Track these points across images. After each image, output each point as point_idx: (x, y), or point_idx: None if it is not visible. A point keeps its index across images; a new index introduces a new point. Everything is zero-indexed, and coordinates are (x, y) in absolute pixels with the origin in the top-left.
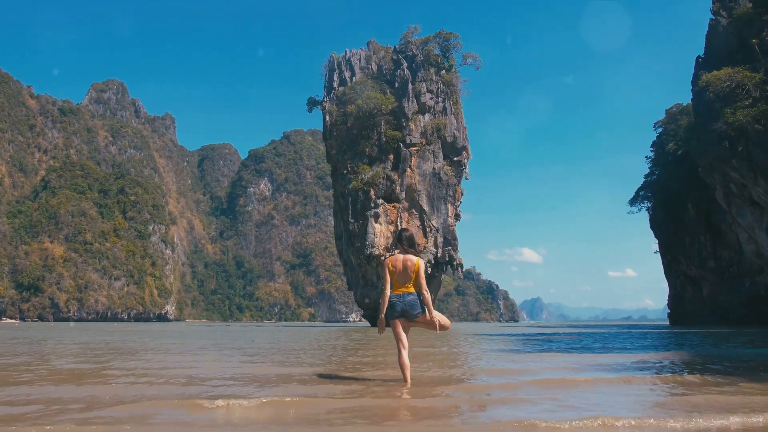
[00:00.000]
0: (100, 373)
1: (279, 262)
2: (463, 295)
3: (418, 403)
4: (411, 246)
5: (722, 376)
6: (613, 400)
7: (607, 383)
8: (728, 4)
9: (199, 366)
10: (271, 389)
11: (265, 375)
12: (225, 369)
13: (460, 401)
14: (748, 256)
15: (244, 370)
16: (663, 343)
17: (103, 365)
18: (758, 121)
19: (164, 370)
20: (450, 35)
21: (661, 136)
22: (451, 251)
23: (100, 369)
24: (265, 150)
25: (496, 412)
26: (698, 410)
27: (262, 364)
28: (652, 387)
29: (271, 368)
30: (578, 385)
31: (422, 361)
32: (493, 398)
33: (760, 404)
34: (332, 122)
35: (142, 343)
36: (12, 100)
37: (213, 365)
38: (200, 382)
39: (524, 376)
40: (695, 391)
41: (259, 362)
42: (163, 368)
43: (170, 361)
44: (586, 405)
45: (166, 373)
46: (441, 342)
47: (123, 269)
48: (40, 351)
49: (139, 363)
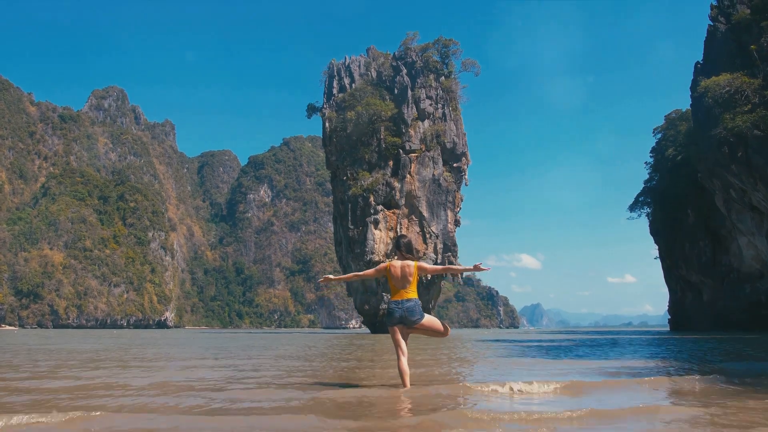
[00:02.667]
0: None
1: (279, 269)
2: (463, 302)
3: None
4: (409, 252)
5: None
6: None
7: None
8: (726, 10)
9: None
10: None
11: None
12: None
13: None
14: (748, 262)
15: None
16: (683, 352)
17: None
18: (757, 126)
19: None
20: (449, 42)
21: (661, 141)
22: (450, 257)
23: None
24: (264, 156)
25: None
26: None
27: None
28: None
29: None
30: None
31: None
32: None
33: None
34: (332, 128)
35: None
36: (12, 107)
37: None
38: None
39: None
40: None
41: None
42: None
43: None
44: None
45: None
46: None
47: (122, 276)
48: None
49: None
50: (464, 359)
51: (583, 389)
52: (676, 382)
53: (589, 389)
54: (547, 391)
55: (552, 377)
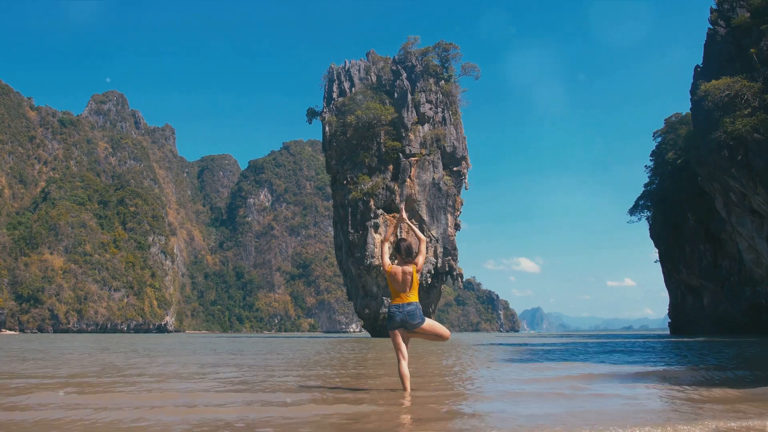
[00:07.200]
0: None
1: (279, 273)
2: (464, 305)
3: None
4: (409, 256)
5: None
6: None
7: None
8: (726, 14)
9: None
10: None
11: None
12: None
13: None
14: (749, 265)
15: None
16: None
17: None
18: (757, 130)
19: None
20: (449, 45)
21: (661, 145)
22: (450, 261)
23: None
24: (264, 160)
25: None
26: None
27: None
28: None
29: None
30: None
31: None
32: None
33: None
34: (332, 133)
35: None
36: (12, 112)
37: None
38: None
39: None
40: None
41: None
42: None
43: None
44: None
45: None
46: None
47: (123, 280)
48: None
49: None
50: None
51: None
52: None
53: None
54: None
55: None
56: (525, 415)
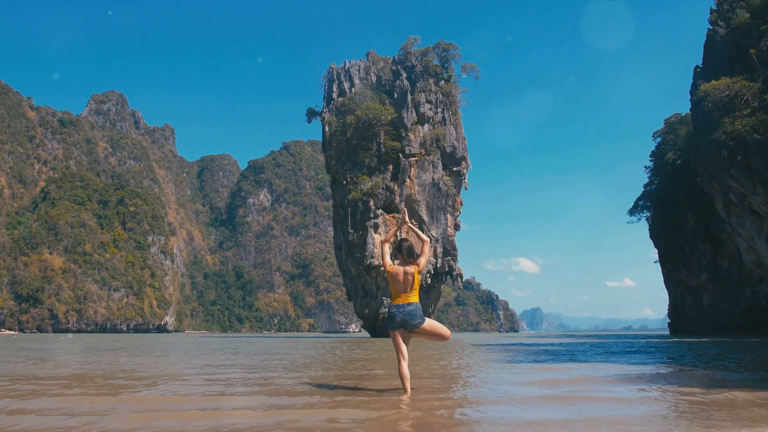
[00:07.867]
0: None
1: (278, 273)
2: (463, 306)
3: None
4: (410, 256)
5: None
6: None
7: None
8: (726, 15)
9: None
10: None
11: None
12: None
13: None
14: (748, 266)
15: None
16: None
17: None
18: (757, 130)
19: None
20: (449, 46)
21: (661, 145)
22: (450, 261)
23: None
24: (264, 161)
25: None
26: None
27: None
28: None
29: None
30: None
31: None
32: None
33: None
34: (332, 133)
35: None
36: (12, 112)
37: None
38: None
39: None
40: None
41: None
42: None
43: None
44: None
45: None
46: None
47: (122, 280)
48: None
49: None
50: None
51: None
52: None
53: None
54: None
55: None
56: (525, 420)
